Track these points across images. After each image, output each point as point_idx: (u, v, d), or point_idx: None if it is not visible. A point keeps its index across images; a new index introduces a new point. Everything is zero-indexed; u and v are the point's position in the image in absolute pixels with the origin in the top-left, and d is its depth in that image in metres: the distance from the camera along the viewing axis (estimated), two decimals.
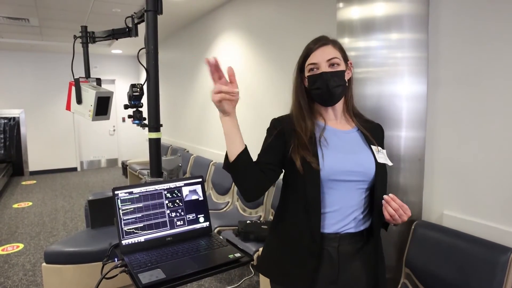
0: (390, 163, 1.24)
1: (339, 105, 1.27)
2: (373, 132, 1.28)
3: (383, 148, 1.28)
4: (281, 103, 3.21)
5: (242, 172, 1.15)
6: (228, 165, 1.15)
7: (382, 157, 1.23)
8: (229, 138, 1.11)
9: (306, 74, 1.23)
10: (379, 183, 1.21)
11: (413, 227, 1.98)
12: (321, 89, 1.19)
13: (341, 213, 1.19)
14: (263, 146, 1.25)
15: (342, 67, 1.21)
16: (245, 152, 1.13)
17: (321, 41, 1.21)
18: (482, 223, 1.79)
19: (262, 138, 1.27)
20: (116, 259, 1.31)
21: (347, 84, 1.24)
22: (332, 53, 1.20)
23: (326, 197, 1.18)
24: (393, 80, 1.86)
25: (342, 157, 1.19)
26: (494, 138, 1.74)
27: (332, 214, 1.19)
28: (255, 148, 1.27)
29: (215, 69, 1.03)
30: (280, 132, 1.22)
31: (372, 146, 1.24)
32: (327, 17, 2.65)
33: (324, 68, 1.19)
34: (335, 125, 1.27)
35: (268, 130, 1.27)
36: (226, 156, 1.15)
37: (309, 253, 1.18)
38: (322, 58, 1.19)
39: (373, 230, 1.23)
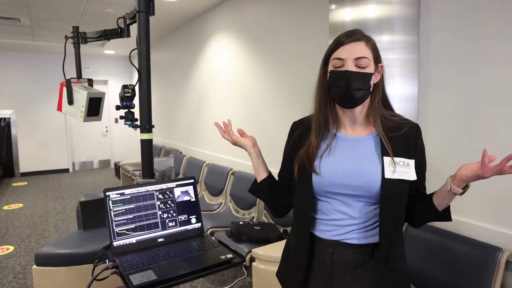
0: (412, 178, 1.07)
1: (359, 110, 1.14)
2: (400, 139, 1.11)
3: (412, 156, 1.10)
4: (274, 103, 3.22)
5: (264, 196, 1.31)
6: (253, 189, 1.31)
7: (401, 170, 1.07)
8: (254, 169, 1.29)
9: (330, 68, 1.11)
10: (386, 200, 1.06)
11: (404, 227, 2.00)
12: (340, 88, 1.07)
13: (337, 223, 1.12)
14: (283, 155, 1.29)
15: (369, 69, 1.08)
16: (266, 180, 1.27)
17: (354, 36, 1.08)
18: (473, 224, 1.81)
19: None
20: (107, 260, 1.31)
21: (371, 89, 1.11)
22: (363, 52, 1.07)
23: (320, 205, 1.15)
24: (385, 81, 1.87)
25: (342, 167, 1.10)
26: (484, 139, 1.76)
27: (326, 222, 1.14)
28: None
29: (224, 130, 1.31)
30: (294, 143, 1.22)
31: (385, 158, 1.08)
32: (319, 19, 2.67)
33: (350, 66, 1.06)
34: (348, 131, 1.16)
35: (288, 136, 1.28)
36: (255, 181, 1.29)
37: (299, 260, 1.16)
38: (350, 55, 1.06)
39: (380, 246, 1.08)
